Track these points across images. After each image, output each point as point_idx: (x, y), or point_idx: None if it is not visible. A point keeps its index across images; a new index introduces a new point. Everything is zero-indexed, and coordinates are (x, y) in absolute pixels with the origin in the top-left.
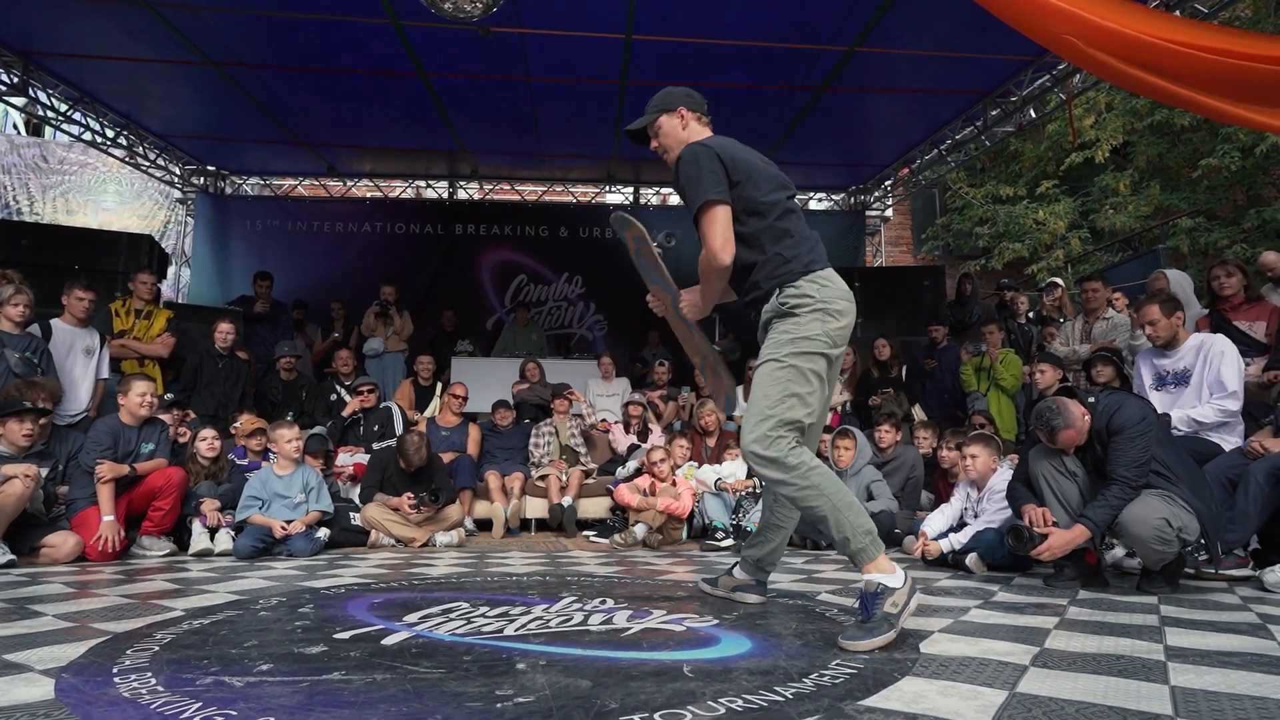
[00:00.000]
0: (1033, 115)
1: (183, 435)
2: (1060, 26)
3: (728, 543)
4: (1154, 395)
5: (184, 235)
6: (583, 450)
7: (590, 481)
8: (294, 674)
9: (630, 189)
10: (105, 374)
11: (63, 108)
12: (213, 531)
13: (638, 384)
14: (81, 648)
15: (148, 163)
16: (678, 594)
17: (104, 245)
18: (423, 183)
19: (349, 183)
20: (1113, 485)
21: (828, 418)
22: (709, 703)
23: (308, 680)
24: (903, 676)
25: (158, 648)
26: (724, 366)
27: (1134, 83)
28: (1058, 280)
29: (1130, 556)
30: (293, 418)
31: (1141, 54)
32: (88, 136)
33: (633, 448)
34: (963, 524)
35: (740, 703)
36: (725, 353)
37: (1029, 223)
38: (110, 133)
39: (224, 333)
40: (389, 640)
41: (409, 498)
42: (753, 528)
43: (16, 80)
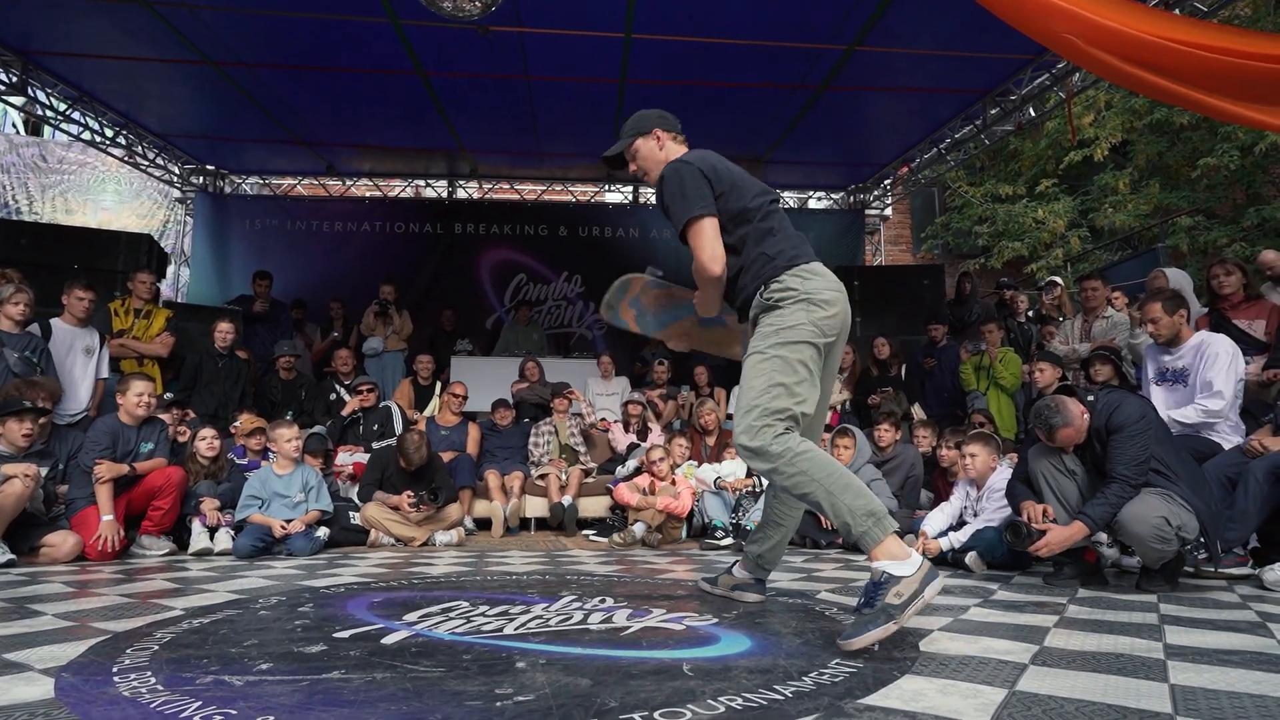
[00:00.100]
0: (1032, 114)
1: (182, 435)
2: (1060, 25)
3: (727, 541)
4: (1156, 389)
5: (183, 234)
6: (582, 449)
7: (590, 480)
8: (294, 673)
9: (629, 188)
10: (105, 373)
11: (61, 107)
12: (212, 531)
13: (637, 383)
14: (81, 647)
15: (147, 162)
16: (677, 593)
17: (103, 245)
18: (422, 182)
19: (348, 182)
20: (1112, 483)
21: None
22: (709, 701)
23: (307, 679)
24: (902, 675)
25: (157, 647)
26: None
27: (1134, 81)
28: (1057, 279)
29: (1129, 555)
30: (292, 417)
31: (1141, 52)
32: (87, 136)
33: (632, 447)
34: (962, 523)
35: (740, 701)
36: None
37: (1028, 221)
38: (109, 132)
39: (223, 332)
40: (389, 639)
41: (409, 496)
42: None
43: (15, 79)
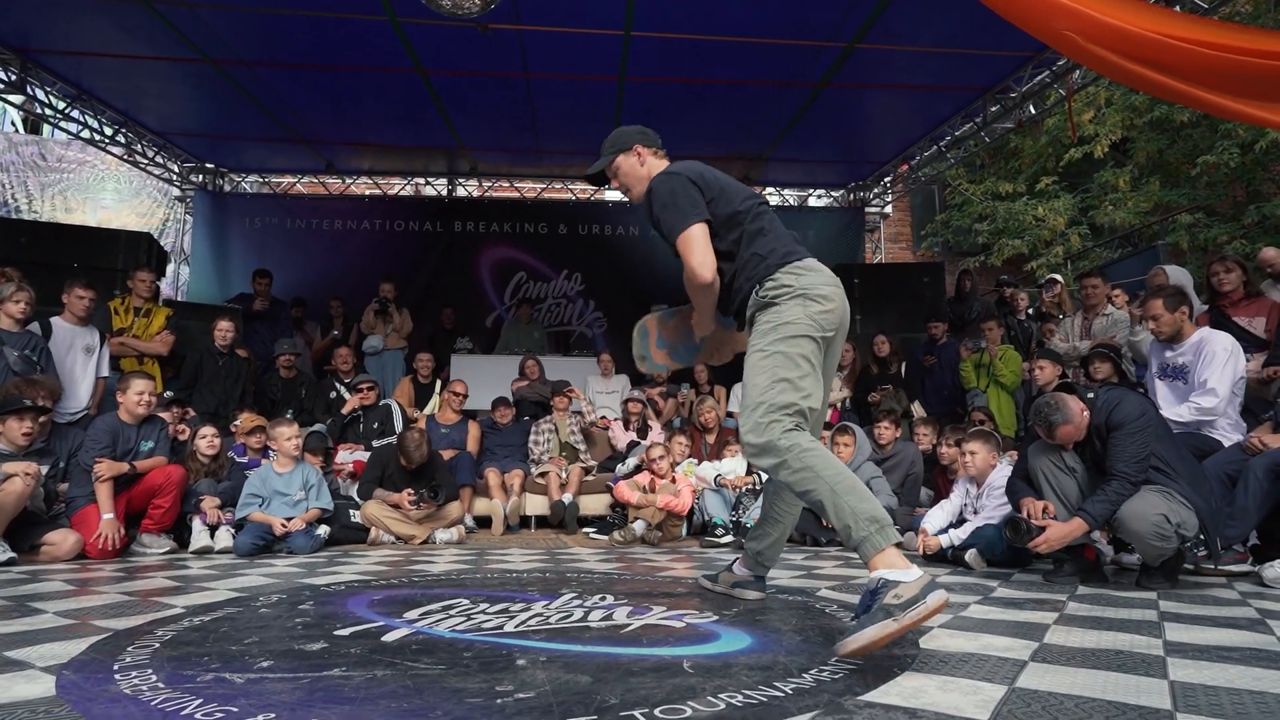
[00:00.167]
0: (1032, 111)
1: (182, 433)
2: (1060, 22)
3: (727, 539)
4: (1159, 385)
5: (183, 233)
6: (582, 447)
7: (590, 478)
8: (294, 670)
9: None
10: (105, 372)
11: (61, 105)
12: (213, 529)
13: (637, 381)
14: (82, 645)
15: (146, 160)
16: (678, 590)
17: (103, 243)
18: (421, 180)
19: (348, 180)
20: (1112, 481)
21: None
22: (709, 698)
23: (308, 677)
24: (902, 672)
25: (158, 645)
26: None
27: (1134, 78)
28: (1057, 277)
29: (1129, 552)
30: (292, 415)
31: (1142, 49)
32: (86, 134)
33: (632, 444)
34: (962, 520)
35: (740, 698)
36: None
37: (1028, 219)
38: (108, 130)
39: (223, 330)
40: (389, 637)
41: (409, 494)
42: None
43: (14, 77)
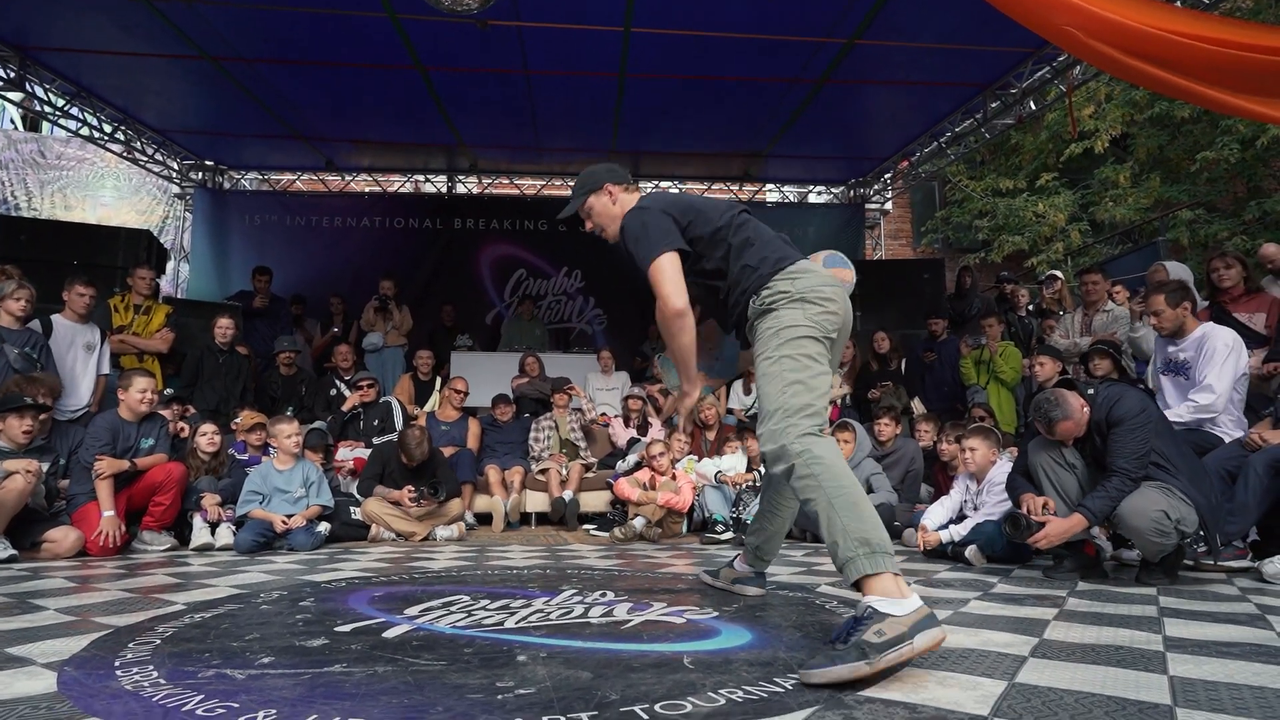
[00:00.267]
0: (1032, 107)
1: (182, 431)
2: (1061, 18)
3: (728, 536)
4: (1163, 379)
5: (182, 230)
6: (582, 444)
7: (590, 475)
8: (295, 666)
9: None
10: (106, 369)
11: (60, 102)
12: (213, 526)
13: (637, 378)
14: (83, 641)
15: (145, 158)
16: (678, 587)
17: (102, 240)
18: (421, 177)
19: (347, 177)
20: (1112, 477)
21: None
22: (709, 694)
23: (309, 673)
24: (902, 667)
25: (159, 641)
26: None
27: (1135, 74)
28: (1057, 273)
29: (1129, 548)
30: (292, 413)
31: (1142, 45)
32: (85, 131)
33: (632, 441)
34: (962, 516)
35: (740, 694)
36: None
37: (1029, 215)
38: (108, 128)
39: (223, 328)
40: (390, 633)
41: (409, 491)
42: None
43: (13, 75)
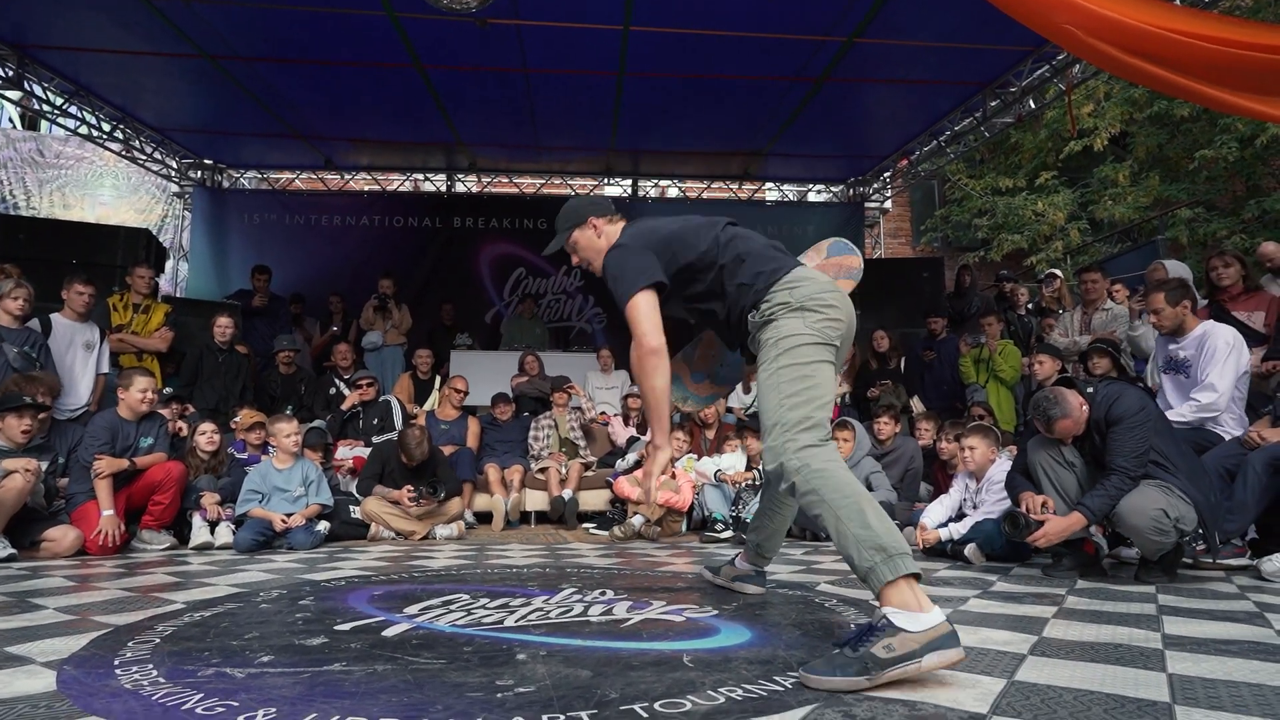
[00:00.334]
0: (1032, 106)
1: (181, 430)
2: (1060, 16)
3: (727, 534)
4: (1164, 378)
5: (181, 229)
6: (582, 443)
7: (590, 474)
8: (295, 665)
9: (629, 181)
10: (106, 368)
11: (58, 101)
12: (213, 525)
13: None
14: (83, 640)
15: (144, 156)
16: (677, 585)
17: (101, 239)
18: (420, 175)
19: (346, 176)
20: (1111, 475)
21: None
22: (709, 692)
23: (309, 671)
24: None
25: (159, 640)
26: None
27: (1134, 73)
28: (1056, 271)
29: (1127, 546)
30: (292, 411)
31: (1142, 43)
32: (84, 130)
33: (632, 440)
34: (961, 515)
35: (740, 692)
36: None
37: (1028, 214)
38: (106, 126)
39: (223, 327)
40: (390, 632)
41: (409, 491)
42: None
43: (11, 73)
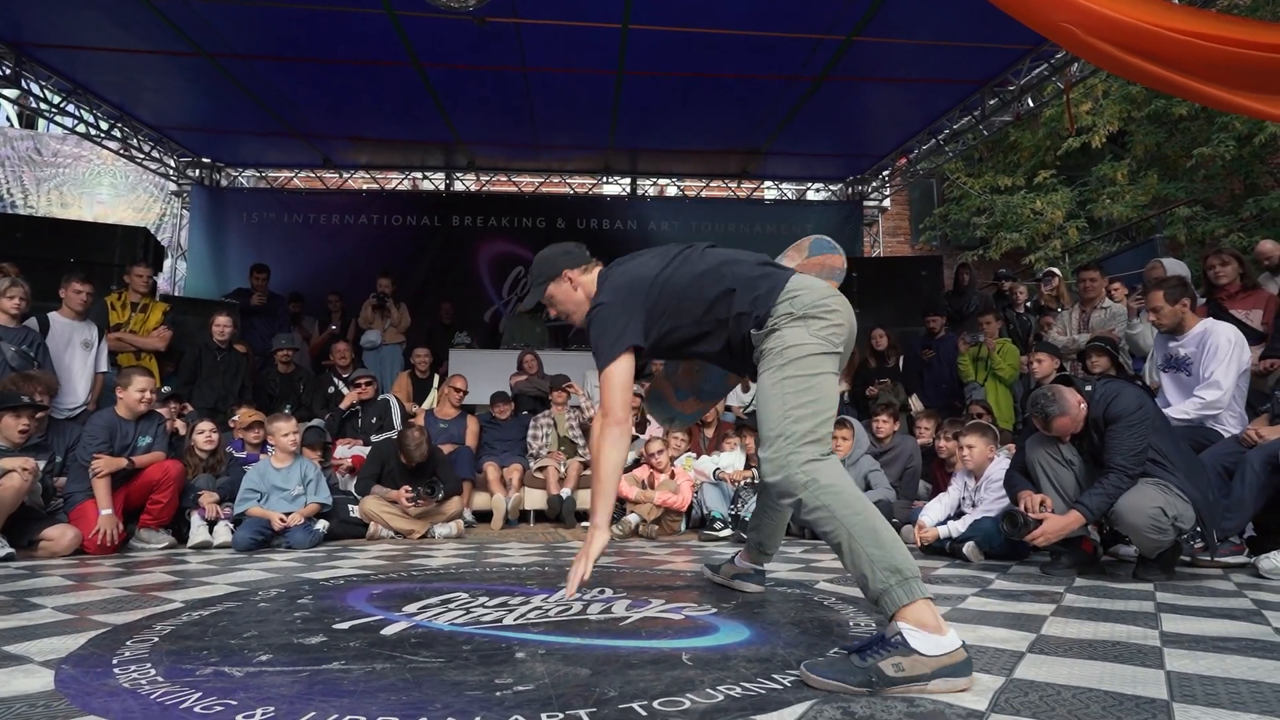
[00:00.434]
0: (1030, 104)
1: (180, 429)
2: (1059, 15)
3: (726, 533)
4: (1164, 376)
5: (180, 228)
6: (581, 442)
7: (589, 473)
8: (294, 664)
9: (627, 179)
10: (104, 367)
11: (56, 100)
12: (211, 524)
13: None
14: (81, 639)
15: (142, 155)
16: (676, 583)
17: (99, 238)
18: (419, 174)
19: (345, 175)
20: (1109, 473)
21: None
22: (707, 690)
23: (307, 670)
24: None
25: (157, 639)
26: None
27: (1133, 71)
28: (1055, 270)
29: (1125, 544)
30: (290, 410)
31: (1140, 42)
32: (81, 129)
33: (631, 439)
34: (960, 513)
35: (739, 690)
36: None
37: (1026, 213)
38: (104, 125)
39: (221, 326)
40: (388, 630)
41: (407, 491)
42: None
43: (8, 72)
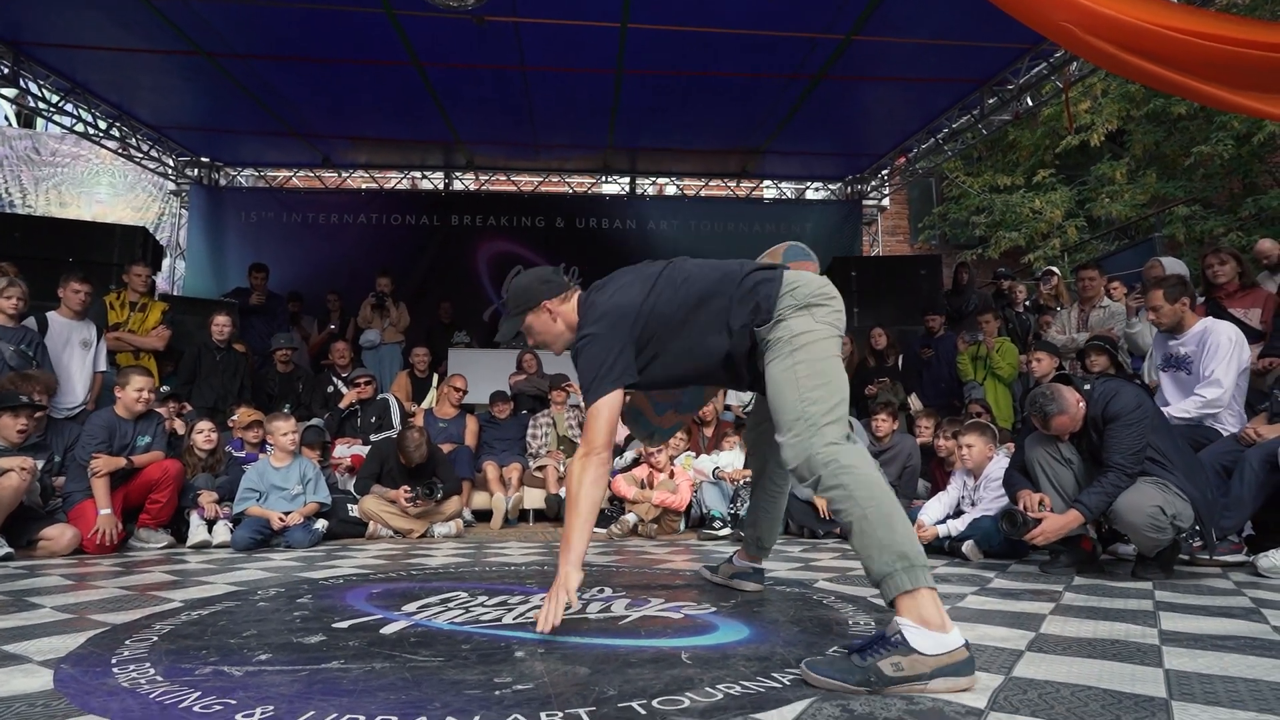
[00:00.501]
0: (1029, 103)
1: (179, 428)
2: (1058, 14)
3: (725, 532)
4: (1163, 376)
5: (178, 227)
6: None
7: None
8: (293, 663)
9: (626, 179)
10: (103, 366)
11: (54, 99)
12: (210, 524)
13: None
14: (80, 639)
15: (141, 154)
16: (675, 582)
17: (98, 238)
18: (418, 174)
19: (344, 174)
20: (1108, 472)
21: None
22: (707, 689)
23: (306, 669)
24: None
25: (156, 638)
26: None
27: (1131, 70)
28: (1054, 269)
29: (1124, 542)
30: (289, 410)
31: (1139, 41)
32: (80, 128)
33: (630, 438)
34: (959, 512)
35: (738, 688)
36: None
37: (1025, 212)
38: (102, 124)
39: (220, 325)
40: (387, 629)
41: (405, 492)
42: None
43: (7, 71)
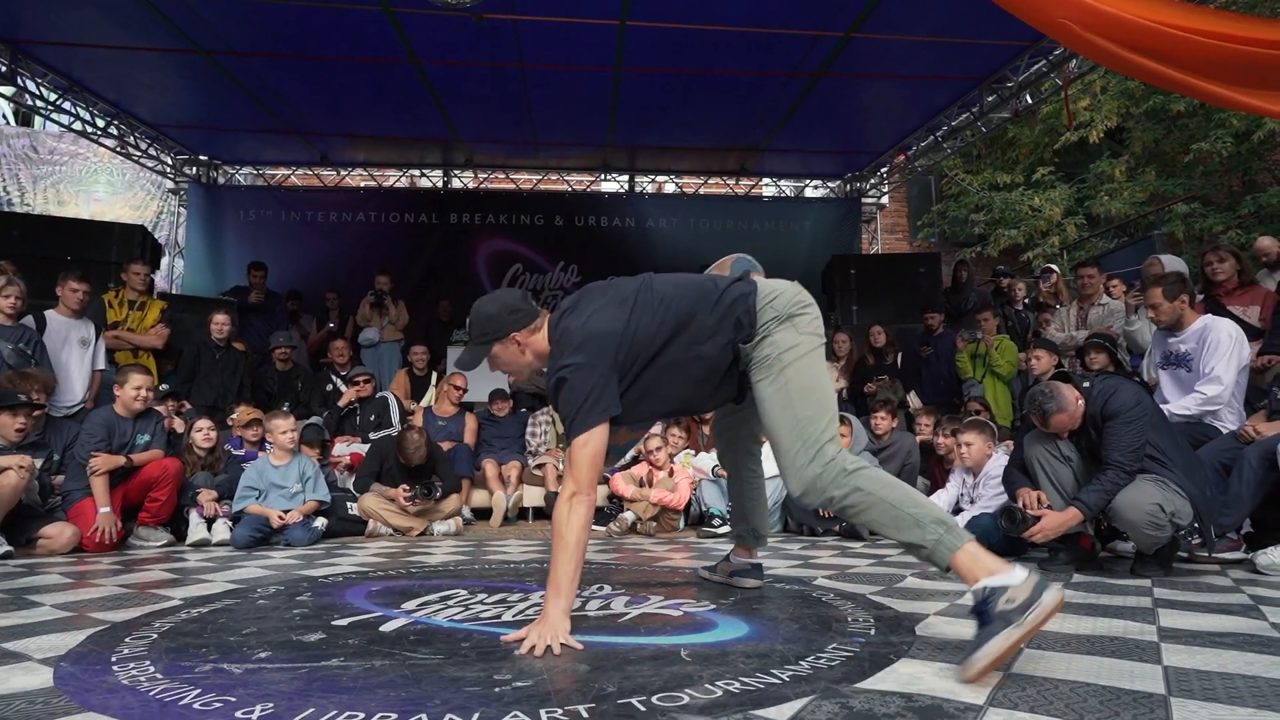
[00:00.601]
0: (1029, 101)
1: (178, 426)
2: (1057, 12)
3: (724, 529)
4: (1162, 374)
5: (177, 226)
6: None
7: None
8: (292, 661)
9: (625, 177)
10: (102, 365)
11: (52, 97)
12: (210, 522)
13: None
14: (80, 636)
15: (139, 153)
16: (675, 580)
17: (96, 236)
18: (416, 172)
19: (342, 172)
20: (1107, 470)
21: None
22: (706, 685)
23: (306, 667)
24: (898, 659)
25: (156, 636)
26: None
27: (1131, 67)
28: (1053, 267)
29: (1123, 540)
30: (289, 408)
31: (1138, 38)
32: (78, 126)
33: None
34: (959, 510)
35: (737, 685)
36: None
37: (1025, 209)
38: (100, 122)
39: (219, 324)
40: (387, 627)
41: (404, 491)
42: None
43: (4, 69)
